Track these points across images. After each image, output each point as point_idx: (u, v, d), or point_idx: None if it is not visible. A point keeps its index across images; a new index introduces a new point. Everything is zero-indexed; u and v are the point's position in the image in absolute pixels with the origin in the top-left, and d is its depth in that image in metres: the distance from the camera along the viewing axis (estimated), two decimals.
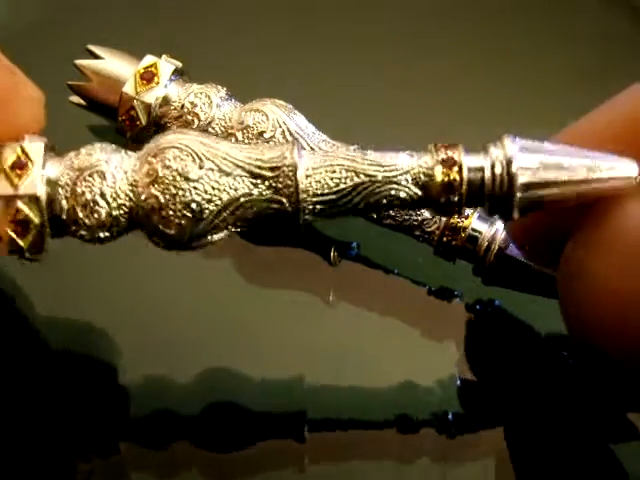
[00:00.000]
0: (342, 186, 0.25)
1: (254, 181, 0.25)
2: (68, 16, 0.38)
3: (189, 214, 0.25)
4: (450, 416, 0.29)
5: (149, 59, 0.32)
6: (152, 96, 0.32)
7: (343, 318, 0.31)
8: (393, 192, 0.25)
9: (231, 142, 0.26)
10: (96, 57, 0.33)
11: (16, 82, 0.27)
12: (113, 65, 0.33)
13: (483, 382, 0.30)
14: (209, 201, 0.25)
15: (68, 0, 0.38)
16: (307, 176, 0.25)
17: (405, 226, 0.31)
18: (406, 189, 0.25)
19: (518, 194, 0.24)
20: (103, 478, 0.28)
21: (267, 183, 0.25)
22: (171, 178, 0.24)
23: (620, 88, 0.36)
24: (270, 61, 0.37)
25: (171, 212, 0.25)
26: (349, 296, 0.31)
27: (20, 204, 0.25)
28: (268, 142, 0.31)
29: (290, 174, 0.25)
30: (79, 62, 0.33)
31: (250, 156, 0.25)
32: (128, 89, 0.32)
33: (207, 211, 0.25)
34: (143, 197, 0.25)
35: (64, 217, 0.25)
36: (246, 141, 0.31)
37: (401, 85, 0.37)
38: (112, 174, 0.25)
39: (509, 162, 0.24)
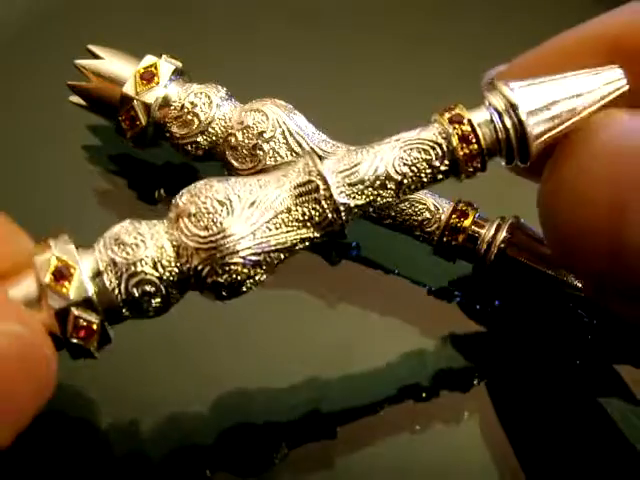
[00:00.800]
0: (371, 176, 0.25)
1: (303, 225, 0.25)
2: (68, 16, 0.38)
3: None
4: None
5: (149, 59, 0.32)
6: (152, 96, 0.32)
7: (343, 318, 0.31)
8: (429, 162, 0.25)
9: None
10: (96, 57, 0.33)
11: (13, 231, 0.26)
12: (113, 65, 0.33)
13: (483, 382, 0.30)
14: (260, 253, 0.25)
15: (68, 0, 0.38)
16: (344, 204, 0.25)
17: (405, 226, 0.31)
18: (437, 156, 0.25)
19: (532, 134, 0.25)
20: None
21: (314, 222, 0.25)
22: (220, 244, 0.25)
23: None
24: (270, 61, 0.37)
25: (221, 271, 0.25)
26: (349, 296, 0.31)
27: (76, 312, 0.24)
28: (268, 142, 0.31)
29: (334, 214, 0.25)
30: (79, 62, 0.33)
31: (293, 209, 0.25)
32: (128, 89, 0.32)
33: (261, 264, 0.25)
34: (194, 264, 0.25)
35: (118, 301, 0.25)
36: (246, 141, 0.31)
37: (401, 85, 0.37)
38: (152, 246, 0.25)
39: (514, 108, 0.25)
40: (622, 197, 0.23)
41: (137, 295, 0.25)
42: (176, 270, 0.25)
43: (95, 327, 0.25)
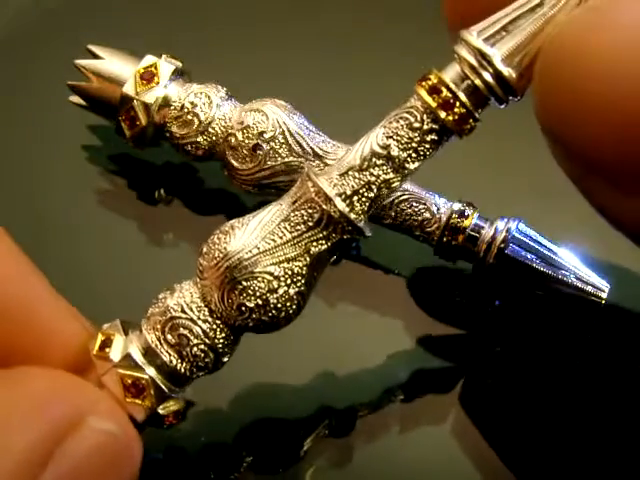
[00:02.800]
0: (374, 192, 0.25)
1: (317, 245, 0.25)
2: (68, 16, 0.38)
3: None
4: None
5: (149, 59, 0.32)
6: (152, 96, 0.32)
7: (343, 318, 0.31)
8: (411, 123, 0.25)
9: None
10: (96, 57, 0.33)
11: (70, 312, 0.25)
12: (113, 65, 0.33)
13: (483, 382, 0.30)
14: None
15: (68, 0, 0.38)
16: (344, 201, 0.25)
17: (405, 226, 0.31)
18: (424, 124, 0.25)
19: (512, 77, 0.24)
20: None
21: (331, 240, 0.25)
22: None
23: None
24: (270, 61, 0.37)
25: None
26: (349, 296, 0.31)
27: (121, 370, 0.24)
28: (268, 142, 0.31)
29: (344, 224, 0.25)
30: (79, 62, 0.33)
31: (308, 238, 0.25)
32: (128, 89, 0.32)
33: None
34: (229, 317, 0.25)
35: (161, 351, 0.25)
36: (246, 141, 0.31)
37: (403, 84, 0.37)
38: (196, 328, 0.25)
39: (486, 58, 0.24)
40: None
41: (175, 341, 0.25)
42: (205, 310, 0.25)
43: (144, 382, 0.24)
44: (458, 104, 0.25)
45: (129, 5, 0.38)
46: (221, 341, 0.25)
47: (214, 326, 0.25)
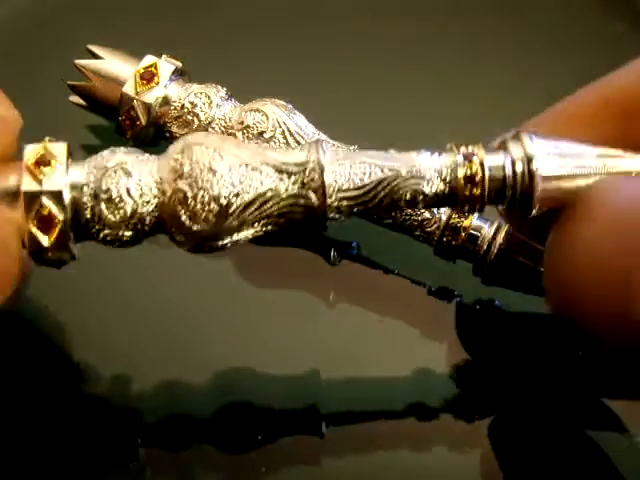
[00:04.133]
0: (367, 181, 0.25)
1: (281, 176, 0.25)
2: (68, 16, 0.38)
3: (216, 207, 0.24)
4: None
5: (149, 59, 0.32)
6: (152, 96, 0.32)
7: (343, 318, 0.31)
8: (418, 187, 0.25)
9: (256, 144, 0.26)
10: (96, 57, 0.33)
11: None
12: (113, 65, 0.33)
13: (483, 382, 0.30)
14: (236, 195, 0.24)
15: (68, 0, 0.38)
16: (332, 171, 0.25)
17: (405, 226, 0.31)
18: (430, 183, 0.25)
19: (539, 189, 0.24)
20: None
21: (293, 178, 0.25)
22: (198, 171, 0.24)
23: None
24: (270, 61, 0.37)
25: (198, 205, 0.24)
26: (349, 296, 0.31)
27: (44, 199, 0.25)
28: (268, 142, 0.31)
29: (316, 167, 0.25)
30: (79, 62, 0.33)
31: (275, 156, 0.25)
32: (128, 89, 0.32)
33: (234, 205, 0.24)
34: (169, 193, 0.25)
35: (88, 215, 0.25)
36: (246, 141, 0.31)
37: (401, 85, 0.37)
38: (138, 171, 0.25)
39: (530, 160, 0.24)
40: (628, 266, 0.23)
41: (110, 217, 0.25)
42: (151, 206, 0.25)
43: (56, 222, 0.25)
44: (479, 182, 0.25)
45: (129, 5, 0.38)
46: (143, 226, 0.25)
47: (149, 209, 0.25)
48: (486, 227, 0.30)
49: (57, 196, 0.25)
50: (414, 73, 0.37)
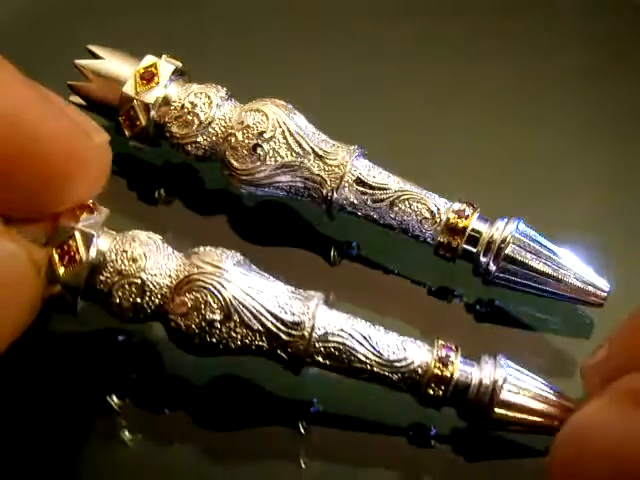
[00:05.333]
0: (342, 365, 0.28)
1: (270, 338, 0.27)
2: (68, 16, 0.38)
3: (204, 348, 0.27)
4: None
5: (149, 59, 0.32)
6: (152, 96, 0.32)
7: (357, 407, 0.30)
8: (382, 379, 0.27)
9: (266, 280, 0.28)
10: (96, 57, 0.33)
11: (89, 131, 0.26)
12: (113, 65, 0.33)
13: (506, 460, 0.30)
14: (225, 344, 0.27)
15: (68, 0, 0.38)
16: (315, 346, 0.27)
17: (405, 226, 0.31)
18: (397, 383, 0.28)
19: (495, 411, 0.27)
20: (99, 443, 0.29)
21: (280, 342, 0.27)
22: (197, 320, 0.27)
23: (621, 88, 0.36)
24: (270, 61, 0.37)
25: (189, 341, 0.27)
26: (349, 296, 0.31)
27: (61, 288, 0.27)
28: (268, 142, 0.31)
29: (302, 345, 0.27)
30: (79, 62, 0.33)
31: (275, 313, 0.27)
32: (128, 89, 0.32)
33: (221, 349, 0.27)
34: (170, 318, 0.27)
35: (99, 298, 0.28)
36: (246, 141, 0.31)
37: (403, 84, 0.37)
38: (149, 286, 0.27)
39: (495, 382, 0.27)
40: None
41: (114, 309, 0.28)
42: (152, 313, 0.28)
43: (63, 295, 0.27)
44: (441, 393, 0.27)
45: (129, 5, 0.38)
46: (143, 311, 0.27)
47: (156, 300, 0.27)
48: (486, 227, 0.30)
49: (72, 289, 0.27)
50: (414, 73, 0.37)
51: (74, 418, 0.29)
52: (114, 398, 0.29)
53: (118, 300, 0.27)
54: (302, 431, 0.29)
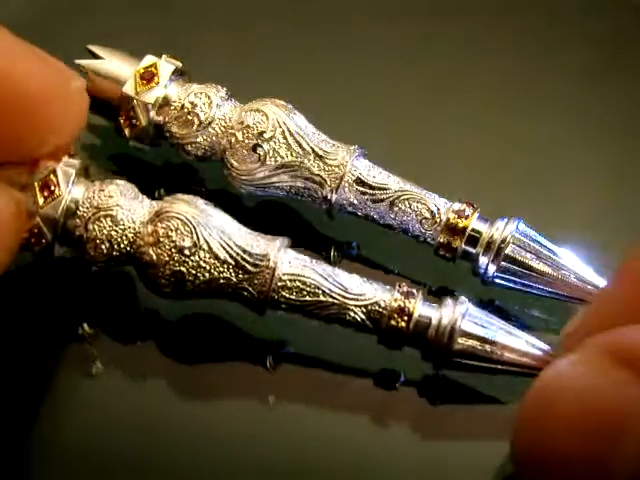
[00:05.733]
0: (307, 298, 0.28)
1: (237, 270, 0.28)
2: (68, 16, 0.38)
3: (173, 279, 0.28)
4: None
5: (149, 59, 0.32)
6: (152, 96, 0.32)
7: (328, 349, 0.31)
8: (348, 317, 0.28)
9: (233, 221, 0.29)
10: (96, 57, 0.33)
11: (67, 77, 0.29)
12: (113, 65, 0.33)
13: (481, 382, 0.30)
14: (194, 275, 0.28)
15: (68, 0, 0.38)
16: (281, 279, 0.28)
17: (405, 226, 0.31)
18: (358, 318, 0.28)
19: (451, 356, 0.28)
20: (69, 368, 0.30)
21: (247, 276, 0.28)
22: (167, 247, 0.28)
23: (621, 88, 0.36)
24: (270, 61, 0.37)
25: (159, 273, 0.28)
26: None
27: (39, 220, 0.28)
28: (268, 142, 0.31)
29: (267, 277, 0.28)
30: (79, 62, 0.33)
31: (242, 246, 0.28)
32: (128, 89, 0.32)
33: (189, 282, 0.28)
34: (142, 251, 0.28)
35: (74, 238, 0.29)
36: (246, 141, 0.31)
37: (403, 85, 0.37)
38: (123, 220, 0.29)
39: (452, 327, 0.28)
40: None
41: (89, 251, 0.29)
42: (125, 253, 0.29)
43: (44, 242, 0.29)
44: (404, 325, 0.28)
45: (129, 5, 0.38)
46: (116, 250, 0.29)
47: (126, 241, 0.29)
48: (486, 227, 0.30)
49: (51, 222, 0.29)
50: (415, 71, 0.37)
51: (45, 348, 0.30)
52: (86, 327, 0.30)
53: (94, 234, 0.28)
54: (269, 367, 0.30)
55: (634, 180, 0.35)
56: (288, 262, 0.28)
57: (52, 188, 0.29)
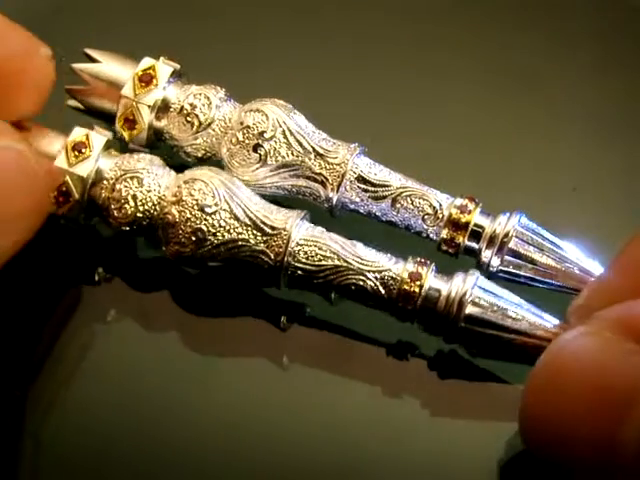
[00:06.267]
0: (324, 263, 0.29)
1: (255, 232, 0.29)
2: (66, 17, 0.38)
3: (193, 238, 0.29)
4: None
5: (147, 61, 0.32)
6: (151, 98, 0.32)
7: (343, 316, 0.31)
8: (361, 283, 0.29)
9: (256, 195, 0.30)
10: (93, 61, 0.33)
11: (34, 45, 0.29)
12: (111, 68, 0.32)
13: (481, 382, 0.30)
14: (214, 234, 0.29)
15: (66, 1, 0.38)
16: (298, 244, 0.29)
17: (407, 222, 0.31)
18: (372, 284, 0.28)
19: (462, 323, 0.28)
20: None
21: (264, 238, 0.29)
22: (190, 205, 0.29)
23: (618, 88, 0.36)
24: (270, 61, 0.37)
25: (180, 231, 0.29)
26: None
27: (68, 179, 0.30)
28: (269, 141, 0.31)
29: (285, 237, 0.29)
30: (76, 66, 0.33)
31: (260, 210, 0.29)
32: (127, 92, 0.32)
33: (208, 241, 0.29)
34: (165, 211, 0.29)
35: (99, 203, 0.30)
36: (246, 142, 0.31)
37: (403, 84, 0.37)
38: (149, 183, 0.30)
39: (463, 294, 0.28)
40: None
41: (114, 212, 0.30)
42: (148, 215, 0.30)
43: (71, 200, 0.30)
44: (413, 301, 0.29)
45: (126, 8, 0.38)
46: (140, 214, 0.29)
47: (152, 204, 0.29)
48: (489, 222, 0.30)
49: (80, 180, 0.30)
50: (415, 72, 0.37)
51: (61, 293, 0.31)
52: (101, 272, 0.31)
53: (119, 194, 0.29)
54: (282, 326, 0.30)
55: (633, 178, 0.35)
56: (305, 229, 0.29)
57: (83, 150, 0.30)
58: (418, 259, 0.29)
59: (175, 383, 0.29)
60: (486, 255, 0.30)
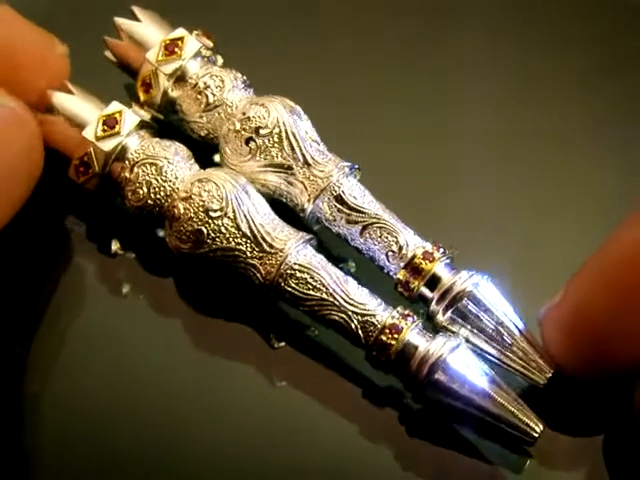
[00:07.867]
0: (311, 293, 0.29)
1: (253, 245, 0.29)
2: (71, 13, 0.38)
3: (192, 237, 0.29)
4: None
5: (179, 32, 0.32)
6: (169, 68, 0.32)
7: None
8: (342, 321, 0.28)
9: (268, 207, 0.30)
10: (136, 19, 0.33)
11: (51, 41, 0.31)
12: (146, 30, 0.33)
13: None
14: (212, 239, 0.29)
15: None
16: (292, 268, 0.29)
17: (371, 254, 0.30)
18: (353, 325, 0.28)
19: (428, 388, 0.27)
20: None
21: (260, 254, 0.29)
22: (196, 204, 0.29)
23: (618, 89, 0.35)
24: (270, 61, 0.36)
25: (182, 228, 0.29)
26: None
27: (92, 150, 0.30)
28: (262, 139, 0.31)
29: (280, 258, 0.29)
30: (117, 20, 0.33)
31: (265, 224, 0.29)
32: (150, 56, 0.32)
33: (206, 244, 0.29)
34: (173, 204, 0.29)
35: (118, 181, 0.30)
36: (242, 132, 0.31)
37: (406, 86, 0.36)
38: (166, 173, 0.30)
39: (438, 359, 0.27)
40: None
41: (127, 194, 0.30)
42: (158, 204, 0.30)
43: (91, 172, 0.30)
44: (387, 352, 0.28)
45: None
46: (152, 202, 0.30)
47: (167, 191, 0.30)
48: (449, 275, 0.29)
49: (102, 155, 0.30)
50: (416, 73, 0.36)
51: (76, 265, 0.32)
52: (117, 245, 0.32)
53: (136, 177, 0.30)
54: (273, 344, 0.30)
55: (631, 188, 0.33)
56: (304, 255, 0.29)
57: (114, 125, 0.30)
58: (406, 311, 0.28)
59: (173, 358, 0.30)
60: (434, 308, 0.29)
